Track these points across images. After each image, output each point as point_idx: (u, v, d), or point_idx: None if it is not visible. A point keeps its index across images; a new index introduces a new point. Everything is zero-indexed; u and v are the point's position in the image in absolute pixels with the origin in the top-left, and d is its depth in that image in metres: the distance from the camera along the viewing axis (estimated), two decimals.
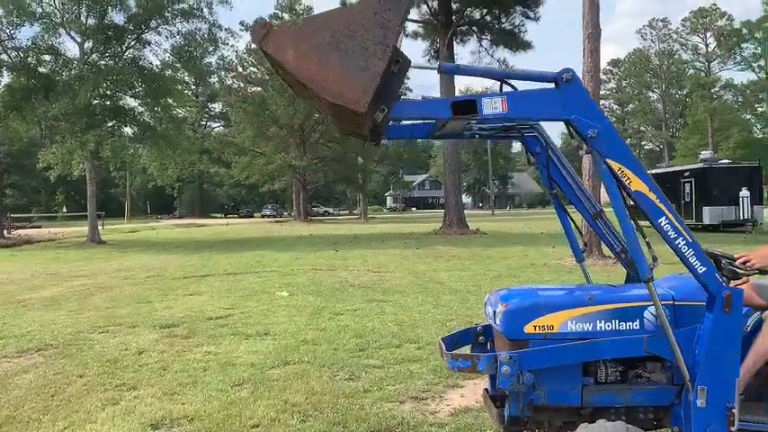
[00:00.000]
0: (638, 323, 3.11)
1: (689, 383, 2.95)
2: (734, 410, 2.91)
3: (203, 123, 73.21)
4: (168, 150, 30.46)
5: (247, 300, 10.18)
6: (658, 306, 2.89)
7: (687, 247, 2.84)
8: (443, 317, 8.26)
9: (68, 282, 13.47)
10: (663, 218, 2.81)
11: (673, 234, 2.83)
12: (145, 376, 5.79)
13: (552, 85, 2.74)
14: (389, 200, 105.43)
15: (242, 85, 52.55)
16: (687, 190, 27.19)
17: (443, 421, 4.54)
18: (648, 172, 2.91)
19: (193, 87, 64.49)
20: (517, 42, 31.76)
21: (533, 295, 3.32)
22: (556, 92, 2.73)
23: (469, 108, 2.71)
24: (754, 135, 75.44)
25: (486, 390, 3.59)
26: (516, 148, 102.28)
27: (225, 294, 10.88)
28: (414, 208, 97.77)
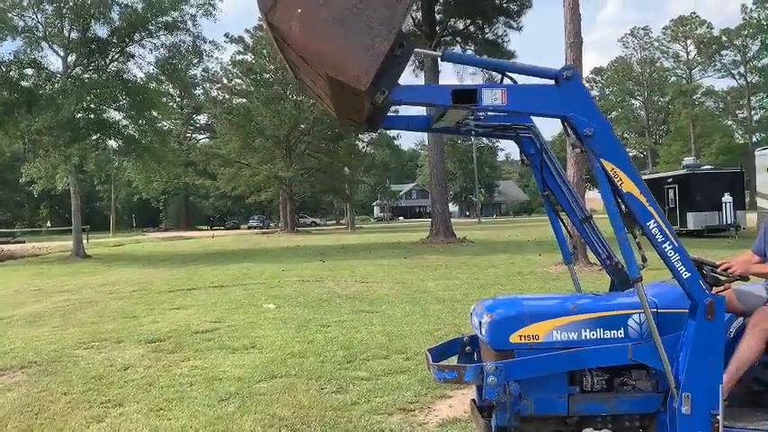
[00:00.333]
0: (622, 331, 3.13)
1: (674, 390, 2.97)
2: (718, 417, 2.93)
3: (188, 135, 72.86)
4: (153, 163, 30.32)
5: (234, 313, 10.12)
6: (646, 307, 2.92)
7: (674, 252, 2.87)
8: (431, 327, 8.25)
9: (52, 297, 13.32)
10: (651, 221, 2.85)
11: (660, 238, 2.86)
12: (130, 392, 5.73)
13: (552, 82, 2.77)
14: (377, 209, 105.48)
15: (227, 97, 52.43)
16: (671, 196, 27.44)
17: None
18: None
19: (178, 99, 64.22)
20: (500, 52, 31.98)
21: (518, 305, 3.33)
22: (556, 88, 2.75)
23: (470, 97, 2.72)
24: (735, 141, 76.40)
25: (473, 400, 3.60)
26: (501, 157, 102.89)
27: (211, 308, 10.80)
28: (401, 217, 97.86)
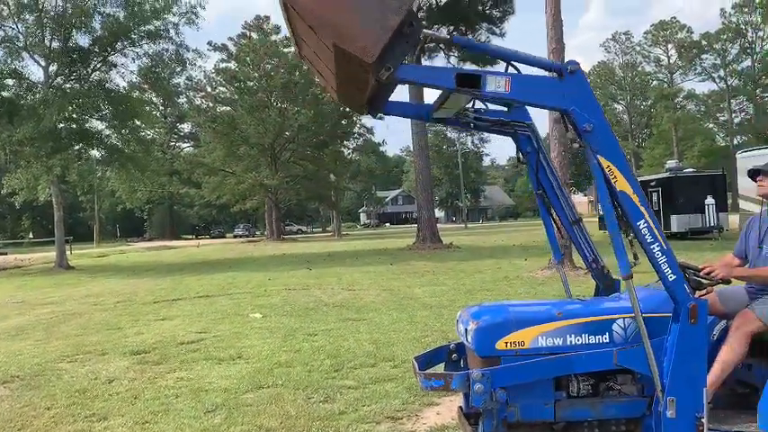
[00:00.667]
0: (607, 336, 3.14)
1: (660, 394, 2.98)
2: (703, 420, 2.94)
3: (172, 144, 72.50)
4: (137, 172, 30.13)
5: (220, 323, 10.05)
6: (635, 303, 2.94)
7: (661, 254, 2.89)
8: (419, 333, 8.24)
9: (35, 310, 13.16)
10: (642, 221, 2.87)
11: (650, 238, 2.88)
12: (115, 406, 5.66)
13: (556, 75, 2.79)
14: (363, 216, 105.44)
15: (211, 105, 52.28)
16: (654, 199, 27.67)
17: None
18: None
19: (162, 108, 63.88)
20: (483, 58, 32.12)
21: (504, 312, 3.33)
22: (559, 81, 2.78)
23: (473, 82, 2.73)
24: (716, 143, 77.25)
25: (460, 407, 3.59)
26: (487, 162, 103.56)
27: (197, 318, 10.72)
28: (387, 223, 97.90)
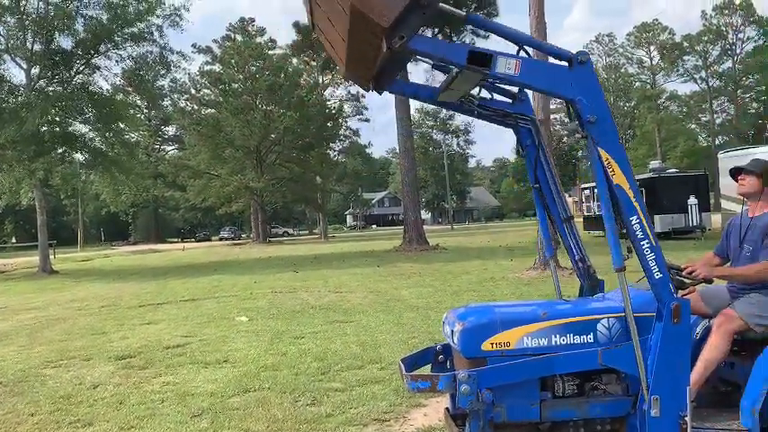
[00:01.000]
0: (591, 336, 3.17)
1: (646, 393, 3.01)
2: (686, 418, 2.98)
3: (157, 147, 72.00)
4: (121, 176, 29.92)
5: (205, 326, 10.00)
6: (626, 297, 2.96)
7: (650, 251, 2.93)
8: (405, 335, 8.25)
9: (18, 315, 13.02)
10: (635, 217, 2.90)
11: (640, 234, 2.92)
12: (100, 411, 5.61)
13: (566, 64, 2.82)
14: (349, 218, 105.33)
15: (195, 108, 51.98)
16: None
17: None
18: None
19: (146, 111, 63.45)
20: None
21: (490, 312, 3.35)
22: (568, 70, 2.80)
23: (484, 61, 2.73)
24: (699, 144, 78.13)
25: (447, 409, 3.60)
26: (473, 163, 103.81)
27: (182, 322, 10.66)
28: (374, 225, 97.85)
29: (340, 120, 57.26)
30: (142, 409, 5.57)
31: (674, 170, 32.04)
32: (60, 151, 28.17)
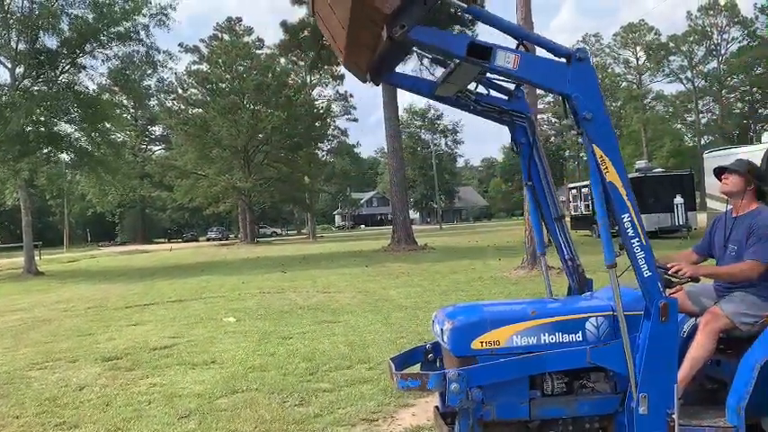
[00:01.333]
0: (580, 335, 3.18)
1: (634, 391, 3.03)
2: (674, 416, 2.99)
3: (143, 147, 71.61)
4: (107, 176, 29.66)
5: (193, 327, 9.94)
6: (617, 293, 2.97)
7: (640, 250, 2.95)
8: (394, 335, 8.24)
9: (3, 317, 12.88)
10: (626, 215, 2.92)
11: (631, 232, 2.93)
12: (86, 413, 5.56)
13: (565, 60, 2.83)
14: (338, 218, 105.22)
15: (182, 107, 51.72)
16: None
17: None
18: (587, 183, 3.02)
19: (132, 111, 63.06)
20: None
21: (479, 311, 3.36)
22: (566, 66, 2.81)
23: (484, 54, 2.73)
24: (685, 144, 78.75)
25: (436, 407, 3.60)
26: (461, 163, 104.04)
27: (169, 323, 10.59)
28: (362, 225, 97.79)
29: (328, 119, 57.20)
30: (129, 411, 5.53)
31: (661, 170, 32.25)
32: (46, 151, 27.91)
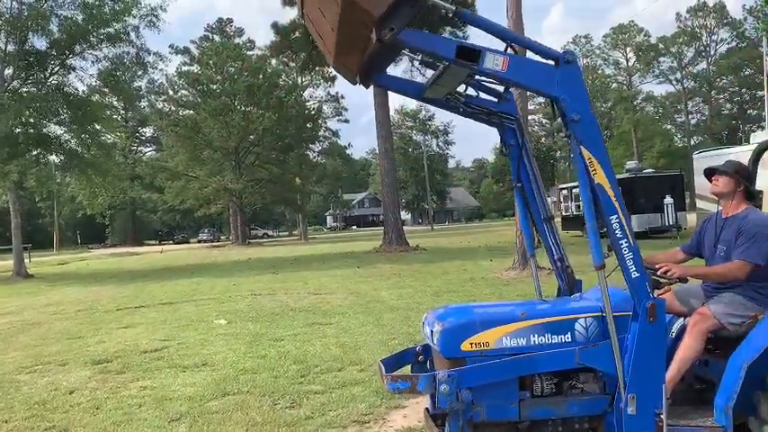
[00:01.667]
0: (569, 336, 3.20)
1: (623, 391, 3.04)
2: (662, 416, 3.01)
3: (134, 148, 71.26)
4: (97, 178, 29.49)
5: (184, 330, 9.90)
6: (605, 294, 2.99)
7: (628, 250, 2.97)
8: (385, 336, 8.25)
9: None
10: (614, 216, 2.94)
11: (619, 233, 2.95)
12: (76, 417, 5.53)
13: (553, 63, 2.84)
14: (329, 219, 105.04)
15: (173, 109, 51.50)
16: None
17: None
18: (577, 184, 3.03)
19: (122, 112, 62.74)
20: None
21: (468, 313, 3.37)
22: (555, 69, 2.83)
23: (472, 56, 2.75)
24: (674, 144, 79.19)
25: (426, 409, 3.61)
26: (452, 164, 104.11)
27: (160, 325, 10.55)
28: (354, 226, 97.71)
29: (319, 121, 57.13)
30: (119, 415, 5.50)
31: (651, 170, 32.43)
32: (35, 153, 27.74)
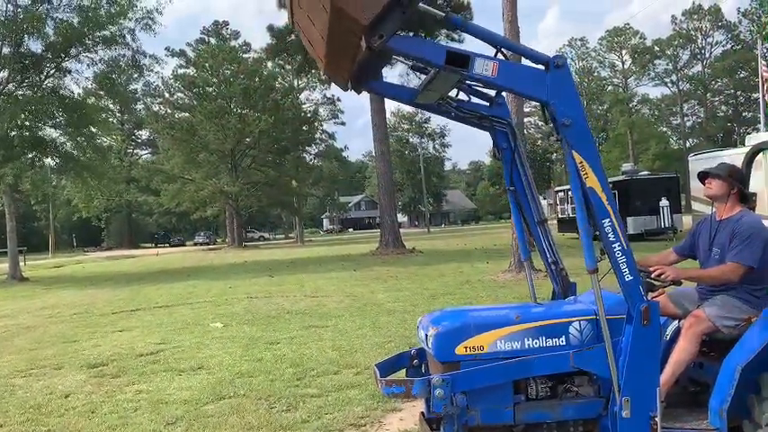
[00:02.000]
0: (563, 339, 3.20)
1: (617, 394, 3.05)
2: (656, 419, 3.02)
3: (130, 151, 71.14)
4: (93, 181, 29.44)
5: (180, 333, 9.89)
6: (599, 297, 2.99)
7: (621, 254, 2.97)
8: (382, 339, 8.25)
9: None
10: (607, 219, 2.94)
11: (612, 237, 2.95)
12: (72, 421, 5.52)
13: (543, 67, 2.84)
14: (326, 222, 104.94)
15: (169, 111, 51.48)
16: None
17: None
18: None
19: (118, 115, 62.63)
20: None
21: (463, 317, 3.37)
22: (545, 73, 2.82)
23: (462, 61, 2.74)
24: (670, 147, 79.39)
25: (422, 413, 3.61)
26: (448, 166, 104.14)
27: (156, 329, 10.53)
28: (351, 229, 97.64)
29: (315, 123, 57.11)
30: (115, 418, 5.49)
31: (647, 172, 32.52)
32: (30, 156, 27.63)
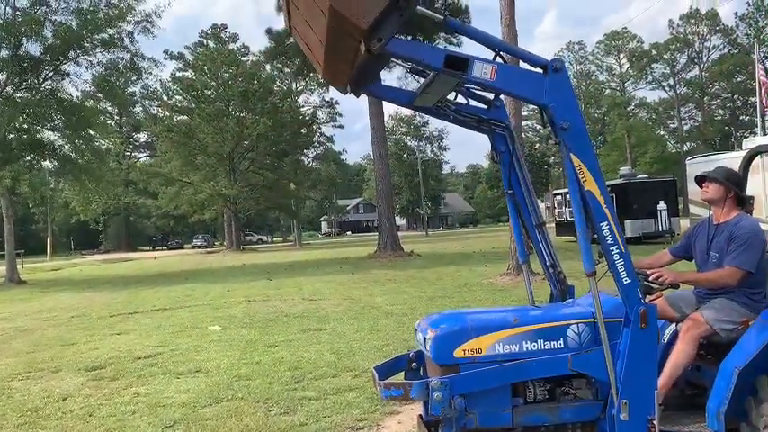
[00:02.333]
0: (561, 342, 3.20)
1: (615, 397, 3.06)
2: (654, 422, 3.02)
3: (128, 154, 71.13)
4: (91, 183, 29.41)
5: (177, 336, 9.88)
6: (597, 300, 3.00)
7: (619, 257, 2.97)
8: (380, 342, 8.25)
9: None
10: (605, 223, 2.94)
11: (610, 240, 2.95)
12: (69, 424, 5.51)
13: (541, 70, 2.85)
14: (324, 225, 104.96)
15: (167, 114, 51.46)
16: None
17: None
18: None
19: (117, 118, 62.63)
20: None
21: (461, 320, 3.37)
22: (543, 77, 2.83)
23: (461, 65, 2.75)
24: (668, 150, 79.51)
25: (420, 416, 3.61)
26: (446, 169, 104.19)
27: (154, 331, 10.52)
28: (349, 232, 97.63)
29: (314, 126, 57.15)
30: (112, 422, 5.48)
31: (644, 176, 32.52)
32: (28, 159, 27.64)
